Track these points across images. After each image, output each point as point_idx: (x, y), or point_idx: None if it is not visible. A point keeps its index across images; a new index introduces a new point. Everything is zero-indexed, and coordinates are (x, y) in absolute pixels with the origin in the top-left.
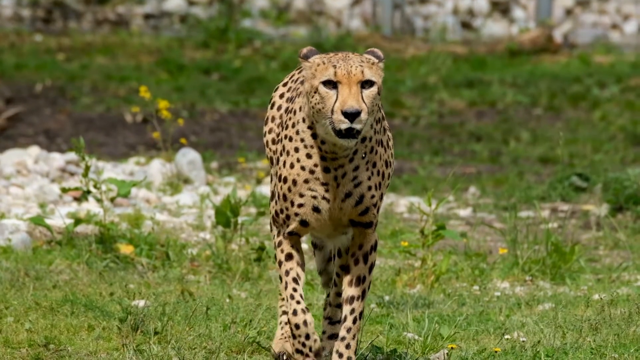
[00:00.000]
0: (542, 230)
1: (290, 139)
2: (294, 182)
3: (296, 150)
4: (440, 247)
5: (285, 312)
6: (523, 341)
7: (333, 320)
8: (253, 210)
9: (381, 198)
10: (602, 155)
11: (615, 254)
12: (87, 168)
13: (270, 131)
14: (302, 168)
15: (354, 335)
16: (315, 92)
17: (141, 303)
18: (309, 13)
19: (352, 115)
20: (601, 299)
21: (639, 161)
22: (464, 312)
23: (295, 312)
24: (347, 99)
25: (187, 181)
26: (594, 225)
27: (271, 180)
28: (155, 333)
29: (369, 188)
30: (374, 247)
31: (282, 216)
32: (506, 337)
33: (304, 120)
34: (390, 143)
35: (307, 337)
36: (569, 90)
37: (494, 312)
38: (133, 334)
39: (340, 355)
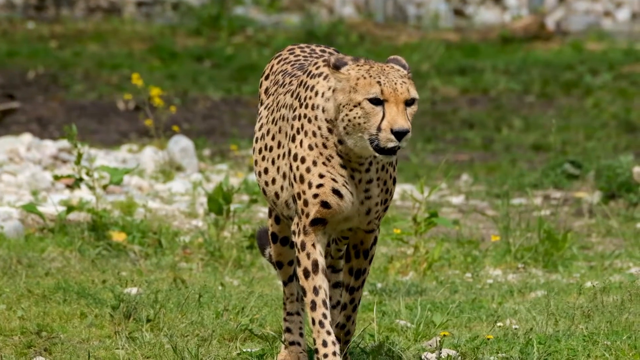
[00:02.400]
0: (535, 217)
1: (310, 121)
2: (314, 162)
3: (314, 134)
4: (432, 234)
5: (289, 330)
6: (515, 328)
7: (336, 269)
8: (245, 197)
9: (385, 210)
10: (594, 142)
11: (608, 241)
12: (80, 155)
13: (262, 137)
14: (321, 154)
15: (353, 321)
16: (355, 107)
17: (133, 290)
18: (301, 0)
19: (401, 135)
20: (593, 286)
21: (632, 148)
22: (457, 299)
23: (325, 344)
24: (396, 118)
25: (179, 169)
26: (587, 213)
27: (265, 194)
28: (148, 320)
29: (376, 204)
30: (374, 243)
31: (300, 203)
32: (499, 324)
33: (323, 111)
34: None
35: None
36: (561, 77)
37: (486, 300)
38: (125, 321)
39: (339, 341)
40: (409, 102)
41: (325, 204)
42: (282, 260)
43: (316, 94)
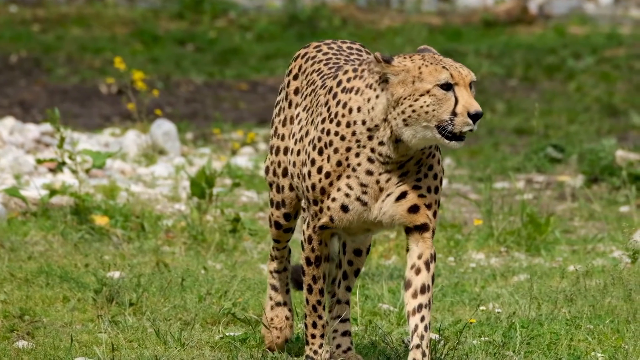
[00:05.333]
0: (518, 201)
1: (343, 138)
2: (339, 177)
3: (347, 149)
4: None
5: (275, 288)
6: (498, 312)
7: (344, 319)
8: (228, 181)
9: (437, 203)
10: (577, 126)
11: (591, 225)
12: (62, 139)
13: (292, 136)
14: (348, 165)
15: (427, 344)
16: (422, 95)
17: (116, 274)
18: None
19: (477, 117)
20: (576, 270)
21: (614, 132)
22: (439, 283)
23: (314, 325)
24: (471, 101)
25: (162, 152)
26: (569, 197)
27: (277, 192)
28: (131, 304)
29: (417, 187)
30: (434, 257)
31: (315, 208)
32: (481, 308)
33: (363, 123)
34: None
35: (321, 346)
36: (544, 61)
37: (469, 284)
38: (108, 305)
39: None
40: (471, 85)
41: (332, 219)
42: (280, 241)
43: (350, 111)
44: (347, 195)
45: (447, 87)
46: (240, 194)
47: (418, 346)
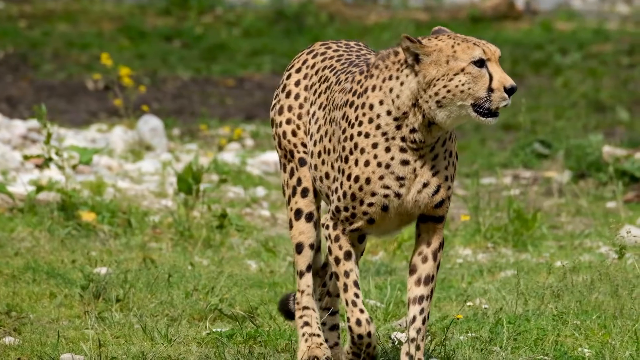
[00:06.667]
0: (504, 197)
1: (367, 136)
2: (367, 180)
3: (374, 146)
4: None
5: (307, 324)
6: (485, 308)
7: (333, 311)
8: (215, 177)
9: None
10: (564, 122)
11: (577, 220)
12: (49, 135)
13: (289, 122)
14: (379, 164)
15: (423, 337)
16: (457, 74)
17: (103, 270)
18: None
19: (513, 91)
20: (563, 265)
21: (601, 128)
22: None
23: (359, 323)
24: (504, 76)
25: (148, 148)
26: (556, 192)
27: (290, 177)
28: (117, 300)
29: (446, 178)
30: (442, 245)
31: (345, 214)
32: (468, 304)
33: (388, 114)
34: None
35: (369, 345)
36: (531, 57)
37: (456, 279)
38: (95, 301)
39: (411, 357)
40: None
41: (371, 221)
42: (304, 242)
43: (371, 107)
44: (385, 196)
45: (481, 63)
46: (227, 190)
47: (413, 339)
